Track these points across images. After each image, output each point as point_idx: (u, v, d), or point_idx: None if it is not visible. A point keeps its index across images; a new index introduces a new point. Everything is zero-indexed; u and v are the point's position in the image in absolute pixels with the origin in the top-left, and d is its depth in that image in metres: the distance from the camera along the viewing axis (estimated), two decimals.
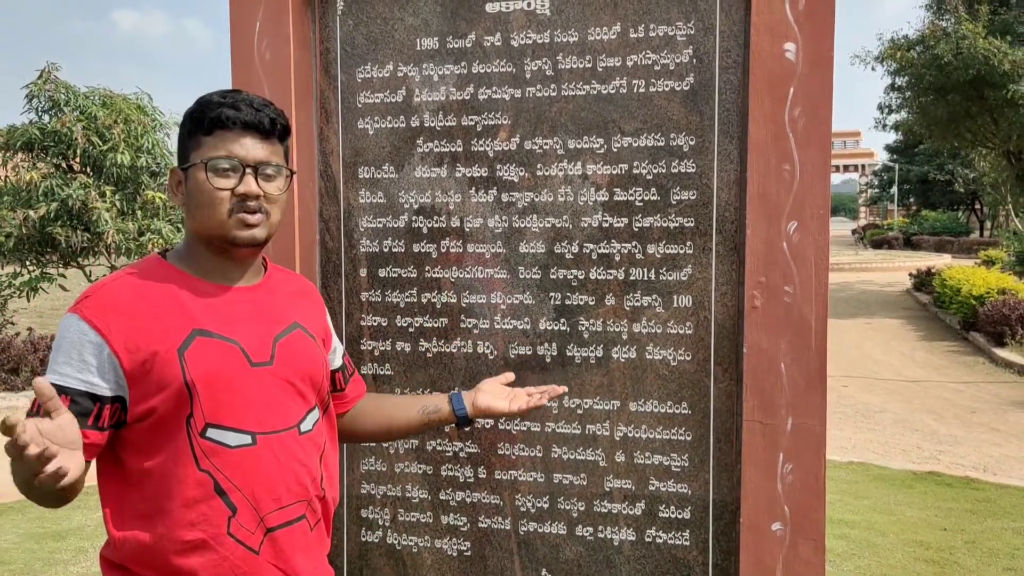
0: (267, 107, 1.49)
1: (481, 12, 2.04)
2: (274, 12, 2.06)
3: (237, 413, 1.42)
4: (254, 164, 1.45)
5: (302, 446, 1.50)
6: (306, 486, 1.49)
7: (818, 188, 1.84)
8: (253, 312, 1.49)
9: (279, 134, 1.51)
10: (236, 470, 1.41)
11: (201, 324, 1.42)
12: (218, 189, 1.42)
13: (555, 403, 2.05)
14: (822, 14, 1.81)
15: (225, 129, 1.44)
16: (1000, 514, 5.08)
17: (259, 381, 1.44)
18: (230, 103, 1.45)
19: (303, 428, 1.51)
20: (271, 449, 1.44)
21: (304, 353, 1.53)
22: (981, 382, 10.00)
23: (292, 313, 1.56)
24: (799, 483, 1.88)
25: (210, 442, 1.40)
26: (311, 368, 1.53)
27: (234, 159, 1.43)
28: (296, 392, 1.50)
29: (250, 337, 1.45)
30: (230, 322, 1.45)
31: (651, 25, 1.95)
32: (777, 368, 1.87)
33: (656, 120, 1.96)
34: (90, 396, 1.36)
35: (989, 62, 16.89)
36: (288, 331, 1.52)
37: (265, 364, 1.46)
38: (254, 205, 1.44)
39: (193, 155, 1.45)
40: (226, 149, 1.43)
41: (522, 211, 2.04)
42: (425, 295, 2.11)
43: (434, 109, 2.08)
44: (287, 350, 1.50)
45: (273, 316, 1.52)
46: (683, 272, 1.97)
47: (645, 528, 2.03)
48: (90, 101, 9.37)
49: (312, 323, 1.60)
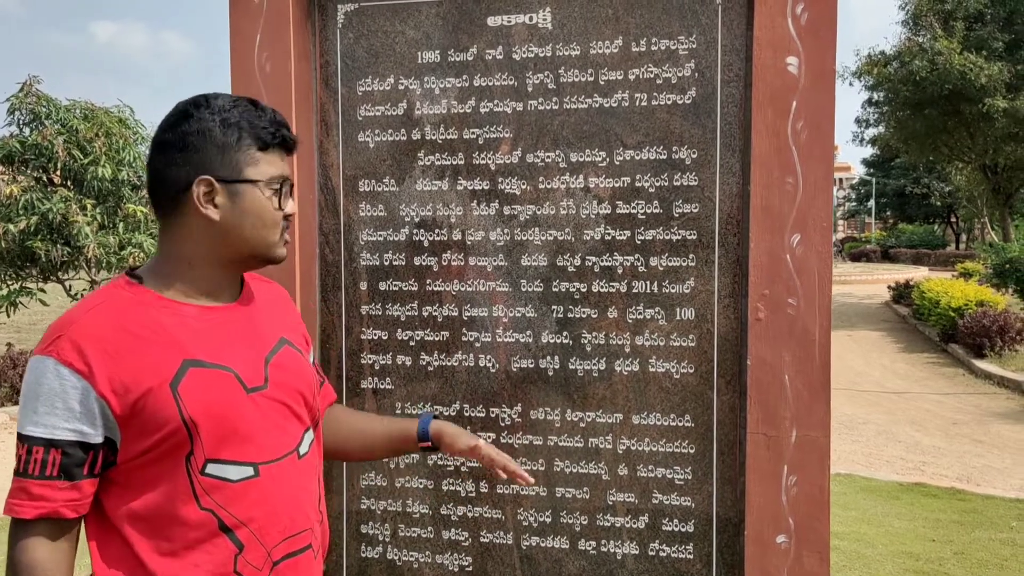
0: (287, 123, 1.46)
1: (483, 25, 2.04)
2: (274, 24, 2.05)
3: (238, 445, 1.33)
4: (291, 184, 1.44)
5: (302, 470, 1.44)
6: (308, 513, 1.44)
7: (821, 200, 1.85)
8: (241, 333, 1.40)
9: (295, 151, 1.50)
10: (240, 505, 1.33)
11: (191, 353, 1.31)
12: (276, 210, 1.39)
13: (557, 416, 2.04)
14: (824, 28, 1.83)
15: (279, 148, 1.40)
16: (987, 525, 5.12)
17: (256, 408, 1.36)
18: (277, 120, 1.41)
19: (302, 451, 1.44)
20: (274, 478, 1.37)
21: (295, 371, 1.46)
22: (961, 393, 10.08)
23: (277, 328, 1.48)
24: (803, 495, 1.88)
25: (211, 478, 1.31)
26: (303, 386, 1.46)
27: (288, 180, 1.41)
28: (292, 414, 1.43)
29: (242, 361, 1.37)
30: (220, 347, 1.35)
31: (653, 39, 1.96)
32: (781, 380, 1.88)
33: (658, 133, 1.97)
34: (81, 445, 1.26)
35: (965, 77, 17.17)
36: (277, 349, 1.44)
37: (260, 389, 1.37)
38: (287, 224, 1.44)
39: (251, 171, 1.36)
40: (279, 169, 1.40)
41: (524, 224, 2.04)
42: (426, 308, 2.10)
43: (435, 122, 2.08)
44: (279, 370, 1.42)
45: (260, 334, 1.43)
46: (686, 285, 1.97)
47: (648, 542, 2.02)
48: (71, 114, 9.31)
49: (295, 334, 1.53)
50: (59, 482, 1.26)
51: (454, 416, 2.10)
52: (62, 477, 1.26)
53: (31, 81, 9.29)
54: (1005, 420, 8.59)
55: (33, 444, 1.25)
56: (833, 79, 1.83)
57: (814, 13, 1.82)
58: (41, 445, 1.25)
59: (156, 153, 1.37)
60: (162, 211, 1.38)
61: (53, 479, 1.25)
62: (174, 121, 1.37)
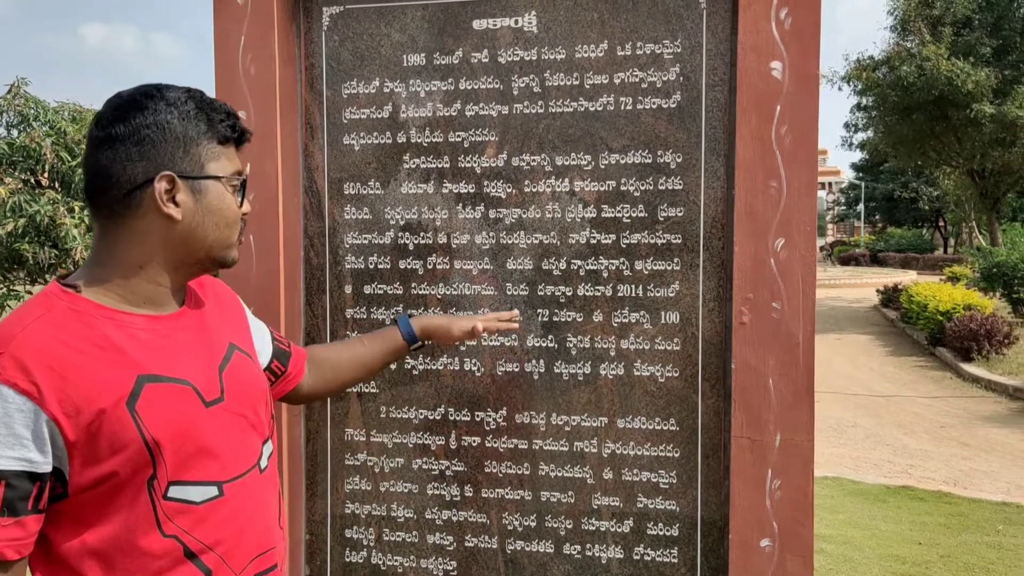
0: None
1: (468, 29, 2.04)
2: (259, 27, 2.05)
3: (202, 464, 1.23)
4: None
5: (264, 486, 1.35)
6: (272, 530, 1.36)
7: (805, 205, 1.85)
8: (192, 342, 1.29)
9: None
10: (206, 528, 1.24)
11: (145, 368, 1.19)
12: (239, 209, 1.31)
13: (542, 420, 2.04)
14: (807, 33, 1.83)
15: (236, 142, 1.31)
16: (974, 528, 5.14)
17: (216, 422, 1.26)
18: (233, 113, 1.31)
19: (263, 465, 1.36)
20: (239, 496, 1.28)
21: (249, 379, 1.36)
22: (949, 397, 10.13)
23: (226, 333, 1.38)
24: (787, 499, 1.88)
25: (174, 502, 1.21)
26: (256, 394, 1.37)
27: (245, 177, 1.32)
28: (250, 426, 1.34)
29: (198, 373, 1.26)
30: (174, 359, 1.24)
31: (638, 43, 1.96)
32: (765, 384, 1.88)
33: (643, 137, 1.97)
34: (28, 476, 1.11)
35: (952, 83, 17.25)
36: (229, 357, 1.34)
37: (218, 401, 1.27)
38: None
39: (212, 166, 1.26)
40: (237, 164, 1.30)
41: (509, 228, 2.04)
42: (411, 312, 2.09)
43: (421, 125, 2.07)
44: (234, 380, 1.32)
45: (211, 342, 1.33)
46: (670, 288, 1.98)
47: (633, 546, 2.02)
48: (59, 116, 9.25)
49: (242, 336, 1.43)
50: (2, 519, 1.11)
51: (439, 420, 2.09)
52: (5, 513, 1.11)
53: (19, 83, 9.23)
54: (992, 423, 8.63)
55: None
56: (817, 84, 1.84)
57: (798, 18, 1.83)
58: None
59: (102, 148, 1.22)
60: (107, 212, 1.24)
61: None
62: (123, 113, 1.23)
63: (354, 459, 2.14)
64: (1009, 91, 17.57)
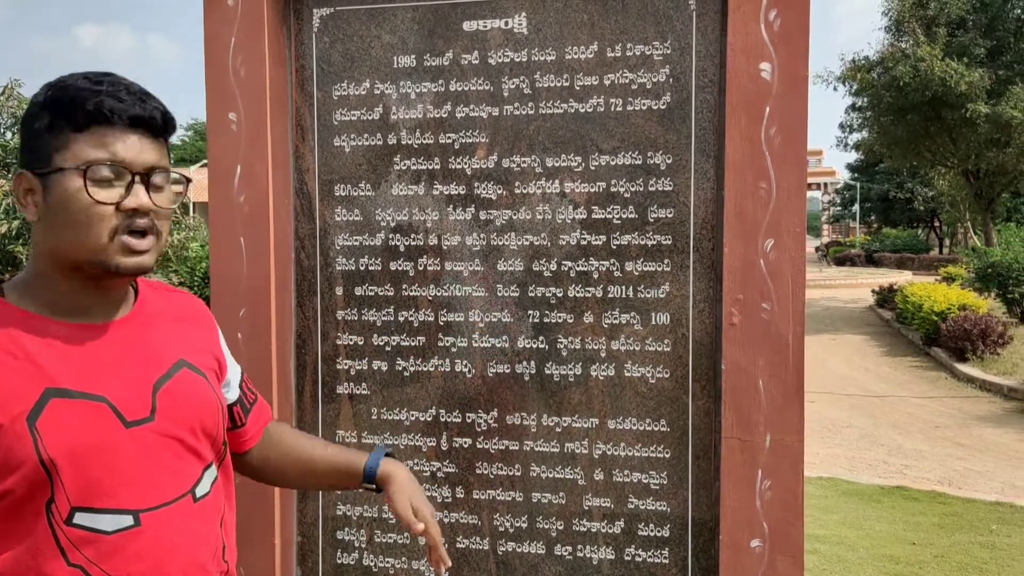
0: (153, 97, 1.17)
1: (458, 30, 2.04)
2: (249, 29, 2.05)
3: (113, 490, 1.13)
4: (144, 171, 1.14)
5: (199, 515, 1.23)
6: (205, 566, 1.22)
7: (794, 206, 1.85)
8: (123, 355, 1.19)
9: (170, 132, 1.19)
10: (117, 561, 1.13)
11: (56, 381, 1.11)
12: (99, 203, 1.11)
13: (533, 421, 2.04)
14: (796, 35, 1.84)
15: (106, 125, 1.12)
16: (967, 528, 5.15)
17: (138, 444, 1.16)
18: (109, 90, 1.13)
19: (199, 493, 1.23)
20: (160, 527, 1.17)
21: (195, 399, 1.24)
22: (944, 397, 10.15)
23: (176, 349, 1.26)
24: (777, 500, 1.88)
25: (80, 530, 1.11)
26: (203, 415, 1.25)
27: (119, 163, 1.12)
28: (187, 449, 1.22)
29: (122, 389, 1.16)
30: (94, 373, 1.14)
31: (628, 44, 1.96)
32: (755, 385, 1.88)
33: (633, 138, 1.97)
34: None
35: (946, 83, 17.29)
36: (172, 373, 1.22)
37: (144, 421, 1.17)
38: (144, 223, 1.14)
39: (59, 157, 1.11)
40: (108, 151, 1.11)
41: (500, 229, 2.04)
42: (402, 313, 2.10)
43: (411, 127, 2.07)
44: (172, 399, 1.20)
45: (151, 357, 1.21)
46: (661, 289, 1.98)
47: (624, 547, 2.02)
48: None
49: (201, 355, 1.31)
50: None
51: (430, 421, 2.09)
52: None
53: (12, 85, 9.23)
54: (986, 423, 8.65)
55: None
56: (806, 85, 1.84)
57: (787, 20, 1.83)
58: None
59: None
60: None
61: None
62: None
63: None
64: (1003, 92, 17.61)
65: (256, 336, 2.06)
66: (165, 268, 9.85)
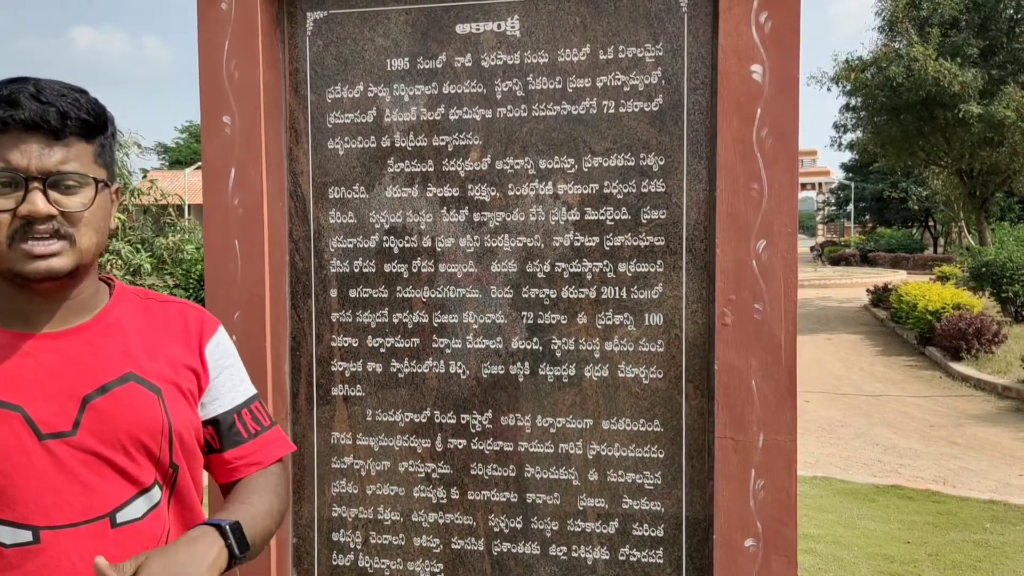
0: (61, 98, 1.12)
1: (451, 33, 2.05)
2: (243, 32, 2.05)
3: (14, 502, 1.09)
4: (40, 175, 1.10)
5: (118, 542, 1.15)
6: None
7: (786, 207, 1.86)
8: (58, 366, 1.15)
9: (79, 131, 1.14)
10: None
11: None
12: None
13: (528, 422, 2.05)
14: (787, 36, 1.85)
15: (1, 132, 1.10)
16: (961, 526, 5.17)
17: (49, 458, 1.11)
18: (6, 96, 1.10)
19: (121, 518, 1.16)
20: (62, 550, 1.11)
21: (132, 415, 1.17)
22: (939, 396, 10.18)
23: (127, 360, 1.20)
24: (771, 499, 1.89)
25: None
26: (140, 433, 1.17)
27: (13, 170, 1.09)
28: (113, 469, 1.15)
29: (42, 400, 1.12)
30: (16, 382, 1.12)
31: (620, 47, 1.97)
32: (748, 385, 1.89)
33: (626, 140, 1.98)
34: None
35: (939, 83, 17.35)
36: (110, 387, 1.17)
37: (63, 435, 1.12)
38: (44, 228, 1.10)
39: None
40: (1, 158, 1.09)
41: (494, 231, 2.05)
42: (396, 315, 2.10)
43: (405, 129, 2.08)
44: (104, 413, 1.15)
45: (92, 368, 1.17)
46: (654, 290, 1.99)
47: (619, 547, 2.03)
48: None
49: (163, 369, 1.23)
50: None
51: (425, 422, 2.10)
52: None
53: None
54: (981, 422, 8.68)
55: None
56: (797, 87, 1.85)
57: (778, 21, 1.84)
58: None
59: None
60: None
61: None
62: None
63: (340, 462, 2.15)
64: (996, 91, 17.67)
65: (251, 339, 2.07)
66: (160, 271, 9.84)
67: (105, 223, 1.19)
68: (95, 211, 1.15)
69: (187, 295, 9.08)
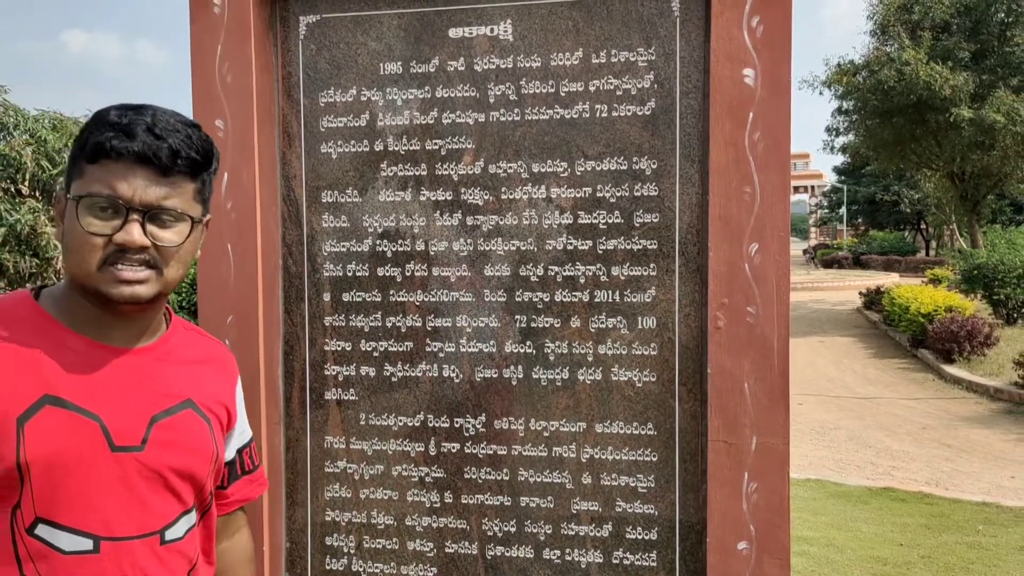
0: (174, 133, 1.17)
1: (444, 37, 2.05)
2: (235, 36, 2.05)
3: (79, 509, 1.13)
4: (142, 208, 1.15)
5: (163, 559, 1.21)
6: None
7: (778, 210, 1.87)
8: (132, 382, 1.20)
9: (186, 169, 1.19)
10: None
11: (55, 389, 1.13)
12: (90, 233, 1.14)
13: (521, 426, 2.05)
14: (779, 40, 1.86)
15: (113, 159, 1.14)
16: (954, 528, 5.18)
17: (118, 470, 1.16)
18: (124, 126, 1.14)
19: (168, 536, 1.22)
20: (118, 561, 1.16)
21: (189, 440, 1.24)
22: (931, 398, 10.21)
23: (187, 387, 1.27)
24: (764, 502, 1.90)
25: (38, 542, 1.12)
26: (194, 459, 1.25)
27: (116, 199, 1.14)
28: (167, 488, 1.21)
29: (119, 413, 1.17)
30: (96, 391, 1.16)
31: (612, 51, 1.98)
32: (741, 388, 1.90)
33: (619, 144, 1.98)
34: None
35: (931, 87, 17.42)
36: (175, 410, 1.23)
37: (132, 449, 1.17)
38: (136, 258, 1.16)
39: (74, 185, 1.16)
40: (108, 185, 1.14)
41: (487, 234, 2.05)
42: (390, 319, 2.10)
43: (398, 133, 2.08)
44: (167, 434, 1.21)
45: (158, 389, 1.23)
46: (647, 294, 1.99)
47: (612, 550, 2.03)
48: (40, 124, 9.21)
49: (211, 401, 1.32)
50: None
51: (418, 426, 2.10)
52: None
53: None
54: (973, 424, 8.71)
55: None
56: (789, 91, 1.86)
57: (770, 25, 1.85)
58: None
59: None
60: None
61: None
62: None
63: (334, 467, 2.15)
64: (987, 95, 17.75)
65: (244, 343, 2.06)
66: None
67: (192, 256, 1.25)
68: (186, 246, 1.21)
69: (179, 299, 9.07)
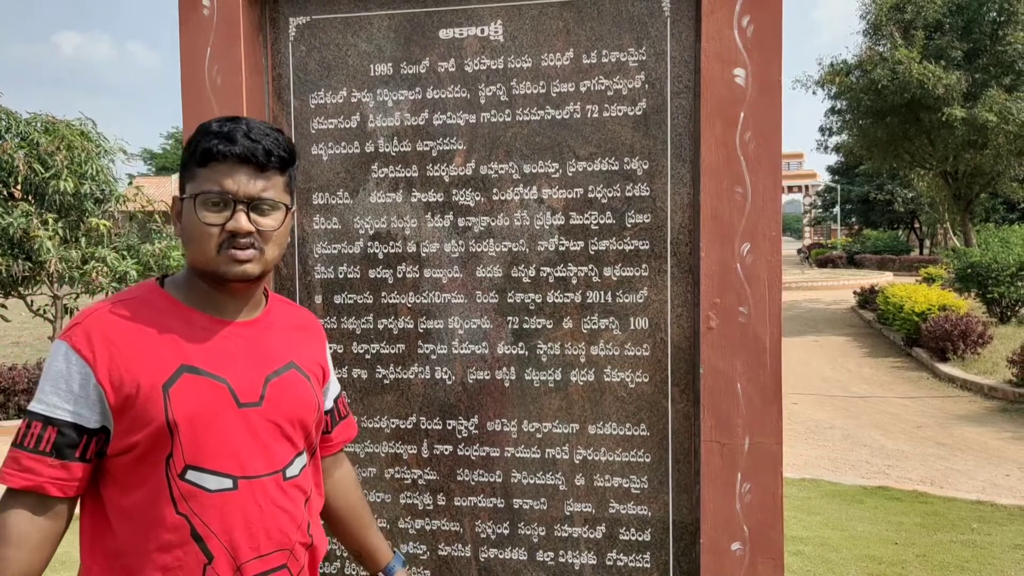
0: (266, 137, 1.41)
1: (435, 38, 2.04)
2: (225, 38, 2.04)
3: (219, 456, 1.37)
4: (246, 199, 1.38)
5: (287, 492, 1.45)
6: (288, 534, 1.44)
7: (770, 210, 1.87)
8: (247, 349, 1.44)
9: (278, 165, 1.42)
10: (215, 515, 1.36)
11: (190, 360, 1.37)
12: (207, 224, 1.37)
13: (514, 427, 2.05)
14: (769, 40, 1.85)
15: (219, 161, 1.38)
16: (949, 527, 5.19)
17: (245, 423, 1.40)
18: (226, 133, 1.39)
19: (289, 473, 1.46)
20: (253, 495, 1.39)
21: (296, 395, 1.48)
22: (925, 397, 10.22)
23: (289, 351, 1.51)
24: (757, 502, 1.89)
25: (189, 484, 1.35)
26: (302, 411, 1.49)
27: (225, 193, 1.37)
28: (283, 435, 1.45)
29: (241, 376, 1.41)
30: (221, 359, 1.40)
31: (603, 51, 1.97)
32: (733, 388, 1.89)
33: (610, 144, 1.98)
34: (76, 428, 1.33)
35: (924, 86, 17.44)
36: (282, 371, 1.47)
37: (254, 405, 1.41)
38: (244, 241, 1.38)
39: (188, 187, 1.40)
40: (217, 183, 1.37)
41: (479, 236, 2.04)
42: (382, 321, 2.09)
43: (388, 135, 2.08)
44: (278, 391, 1.45)
45: (268, 354, 1.47)
46: (639, 294, 1.99)
47: (606, 551, 2.03)
48: (32, 127, 9.17)
49: (309, 362, 1.55)
50: (49, 459, 1.32)
51: (411, 428, 2.09)
52: (53, 455, 1.32)
53: None
54: (968, 423, 8.72)
55: (33, 419, 1.33)
56: (779, 90, 1.86)
57: (760, 26, 1.85)
58: (40, 421, 1.33)
59: None
60: None
61: (44, 455, 1.32)
62: None
63: None
64: (979, 94, 17.78)
65: None
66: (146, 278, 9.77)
67: (286, 239, 1.48)
68: (281, 230, 1.44)
69: None
